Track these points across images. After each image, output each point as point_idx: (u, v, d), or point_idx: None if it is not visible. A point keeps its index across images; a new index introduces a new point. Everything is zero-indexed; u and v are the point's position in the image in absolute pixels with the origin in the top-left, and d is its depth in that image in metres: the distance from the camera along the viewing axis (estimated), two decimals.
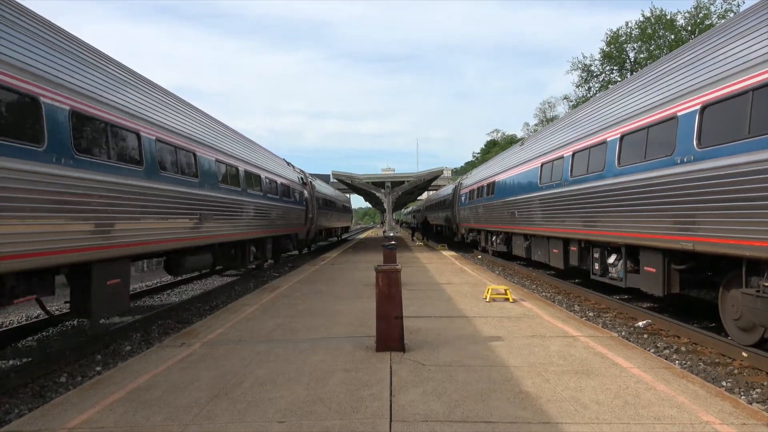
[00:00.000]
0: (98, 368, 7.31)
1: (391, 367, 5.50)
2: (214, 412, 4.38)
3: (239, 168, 14.22)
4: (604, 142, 10.45)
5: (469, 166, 76.71)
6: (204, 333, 7.42)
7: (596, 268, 11.27)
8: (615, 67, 43.09)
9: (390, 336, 6.13)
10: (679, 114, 7.85)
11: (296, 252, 26.96)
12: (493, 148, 78.15)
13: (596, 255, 11.28)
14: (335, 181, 32.52)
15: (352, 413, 4.28)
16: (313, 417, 4.21)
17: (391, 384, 4.97)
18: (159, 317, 10.48)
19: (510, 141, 72.61)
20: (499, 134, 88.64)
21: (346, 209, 45.45)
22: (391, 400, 4.54)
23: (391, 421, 4.10)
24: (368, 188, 28.66)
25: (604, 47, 42.47)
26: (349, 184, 29.98)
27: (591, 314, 10.39)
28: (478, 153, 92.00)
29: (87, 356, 7.85)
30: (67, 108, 6.78)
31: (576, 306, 11.32)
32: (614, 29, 42.71)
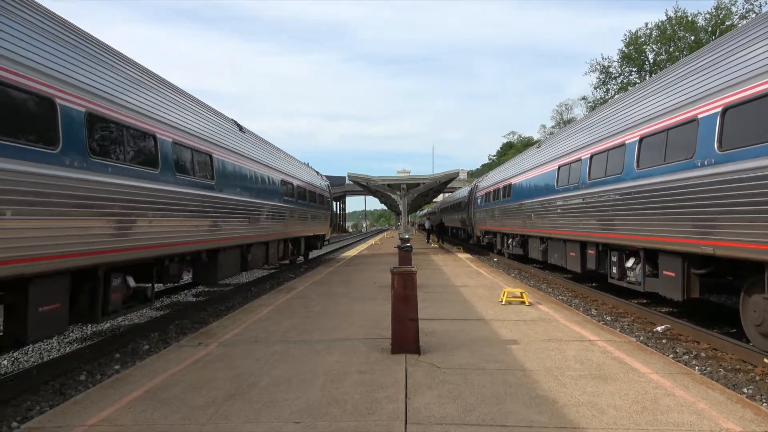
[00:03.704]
0: (117, 367, 7.42)
1: (406, 370, 5.50)
2: (230, 411, 4.43)
3: None
4: (622, 145, 10.33)
5: (485, 168, 76.34)
6: (220, 333, 7.49)
7: (614, 271, 11.13)
8: (634, 69, 42.61)
9: (405, 338, 6.12)
10: (699, 116, 7.73)
11: None
12: (510, 150, 77.69)
13: (614, 258, 11.14)
14: (351, 183, 32.48)
15: (367, 415, 4.29)
16: (328, 418, 4.23)
17: (406, 386, 4.97)
18: (176, 317, 10.61)
19: (526, 143, 72.07)
20: (516, 136, 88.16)
21: (306, 196, 20.22)
22: (406, 403, 4.54)
23: (406, 423, 4.10)
24: (384, 190, 28.59)
25: (623, 48, 42.05)
26: (365, 186, 29.96)
27: (608, 318, 10.26)
28: (494, 155, 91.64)
29: (106, 355, 7.97)
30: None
31: (593, 310, 11.18)
32: (633, 30, 42.25)
